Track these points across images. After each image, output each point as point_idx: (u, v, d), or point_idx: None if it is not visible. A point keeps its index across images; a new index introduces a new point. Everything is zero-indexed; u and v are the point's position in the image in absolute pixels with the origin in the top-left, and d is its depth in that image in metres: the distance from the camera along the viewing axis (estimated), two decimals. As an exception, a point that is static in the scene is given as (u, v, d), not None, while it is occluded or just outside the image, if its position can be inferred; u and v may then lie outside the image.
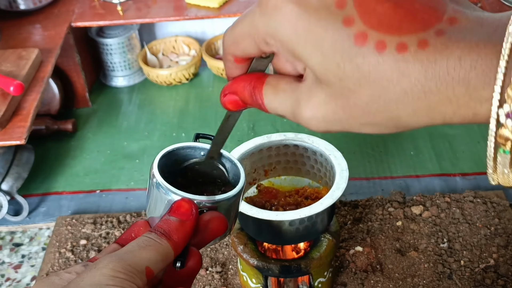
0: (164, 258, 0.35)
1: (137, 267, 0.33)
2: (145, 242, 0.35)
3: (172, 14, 1.30)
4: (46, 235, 1.10)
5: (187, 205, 0.38)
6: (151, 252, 0.35)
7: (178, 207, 0.38)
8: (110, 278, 0.32)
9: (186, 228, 0.38)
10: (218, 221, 0.40)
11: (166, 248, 0.36)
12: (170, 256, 0.36)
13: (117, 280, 0.32)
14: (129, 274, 0.33)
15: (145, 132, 1.32)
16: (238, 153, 0.78)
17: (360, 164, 1.18)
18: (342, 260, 0.95)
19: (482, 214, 1.00)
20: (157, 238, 0.36)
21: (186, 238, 0.37)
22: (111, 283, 0.32)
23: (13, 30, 1.28)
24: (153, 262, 0.34)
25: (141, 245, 0.35)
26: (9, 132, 1.00)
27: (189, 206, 0.38)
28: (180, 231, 0.37)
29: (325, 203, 0.70)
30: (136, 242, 0.35)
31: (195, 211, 0.38)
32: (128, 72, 1.46)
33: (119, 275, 0.32)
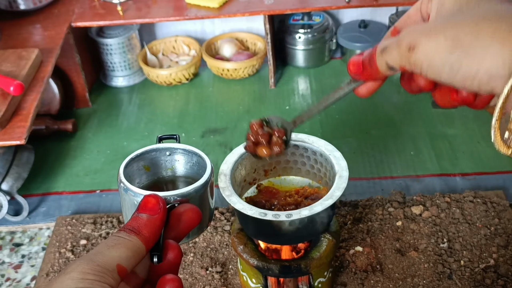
0: (135, 254, 0.36)
1: (107, 266, 0.33)
2: (114, 241, 0.36)
3: (172, 14, 1.30)
4: (46, 235, 1.10)
5: (154, 200, 0.39)
6: (121, 250, 0.35)
7: (145, 203, 0.39)
8: (79, 281, 0.32)
9: (156, 222, 0.38)
10: (191, 212, 0.41)
11: (136, 244, 0.36)
12: (142, 251, 0.36)
13: (87, 281, 0.32)
14: (99, 275, 0.33)
15: (145, 132, 1.32)
16: (238, 153, 0.78)
17: (360, 164, 1.18)
18: (342, 260, 0.95)
19: (482, 214, 1.00)
20: (125, 236, 0.36)
21: (156, 232, 0.38)
22: (80, 286, 0.32)
23: (13, 30, 1.28)
24: (123, 259, 0.34)
25: (110, 244, 0.35)
26: (9, 132, 1.00)
27: (155, 201, 0.39)
28: (148, 226, 0.37)
29: (325, 203, 0.70)
30: (105, 242, 0.36)
31: (162, 205, 0.39)
32: (128, 72, 1.46)
33: (88, 276, 0.32)
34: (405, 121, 1.28)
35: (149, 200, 0.39)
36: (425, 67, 0.37)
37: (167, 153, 0.47)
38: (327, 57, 1.49)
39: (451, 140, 1.22)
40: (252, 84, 1.44)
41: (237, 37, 1.50)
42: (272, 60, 1.37)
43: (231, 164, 0.77)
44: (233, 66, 1.40)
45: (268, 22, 1.30)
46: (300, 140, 0.80)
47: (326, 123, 1.29)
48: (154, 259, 0.37)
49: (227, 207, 1.06)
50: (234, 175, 0.77)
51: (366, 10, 1.49)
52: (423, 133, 1.24)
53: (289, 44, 1.45)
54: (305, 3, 1.29)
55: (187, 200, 0.41)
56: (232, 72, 1.41)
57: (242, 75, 1.43)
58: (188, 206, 0.41)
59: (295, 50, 1.46)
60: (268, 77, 1.42)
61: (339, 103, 0.52)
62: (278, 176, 0.84)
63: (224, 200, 0.72)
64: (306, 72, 1.47)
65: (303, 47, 1.44)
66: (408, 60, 0.37)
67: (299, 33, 1.43)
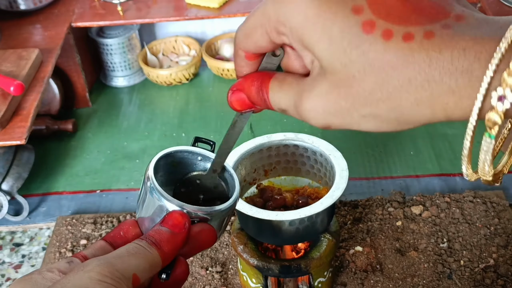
0: (151, 267, 0.35)
1: (125, 273, 0.33)
2: (134, 249, 0.35)
3: (172, 14, 1.30)
4: (46, 235, 1.10)
5: (181, 218, 0.38)
6: (140, 260, 0.35)
7: (172, 219, 0.38)
8: (97, 282, 0.32)
9: (177, 240, 0.38)
10: (208, 234, 0.40)
11: (155, 258, 0.36)
12: (158, 266, 0.36)
13: (104, 284, 0.32)
14: (116, 280, 0.32)
15: (145, 132, 1.32)
16: (238, 153, 0.78)
17: (360, 164, 1.18)
18: (342, 260, 0.95)
19: (482, 214, 1.00)
20: (147, 246, 0.36)
21: (176, 250, 0.37)
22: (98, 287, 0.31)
23: (13, 30, 1.28)
24: (140, 270, 0.34)
25: (131, 251, 0.35)
26: (9, 132, 1.00)
27: (182, 219, 0.38)
28: (170, 243, 0.37)
29: (325, 203, 0.70)
30: (126, 248, 0.35)
31: (188, 225, 0.38)
32: (128, 72, 1.46)
33: (106, 279, 0.32)
34: (405, 121, 1.28)
35: (176, 217, 0.38)
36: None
37: (199, 158, 0.46)
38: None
39: (451, 140, 1.22)
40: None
41: (237, 37, 1.50)
42: (272, 60, 1.37)
43: (231, 164, 0.77)
44: (233, 66, 1.40)
45: (268, 22, 1.30)
46: (300, 140, 0.80)
47: (326, 123, 1.29)
48: (162, 276, 0.37)
49: (227, 207, 1.06)
50: (234, 175, 0.77)
51: (366, 10, 1.49)
52: (423, 133, 1.24)
53: (289, 44, 1.45)
54: (305, 3, 1.29)
55: (208, 219, 0.41)
56: (232, 72, 1.42)
57: (242, 75, 1.43)
58: (207, 227, 0.40)
59: (295, 50, 1.45)
60: (268, 77, 1.41)
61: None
62: (278, 176, 0.84)
63: (224, 200, 0.72)
64: (306, 72, 1.47)
65: (303, 47, 1.44)
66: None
67: (299, 33, 1.43)
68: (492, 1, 1.19)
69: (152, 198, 0.40)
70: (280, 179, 0.84)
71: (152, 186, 0.40)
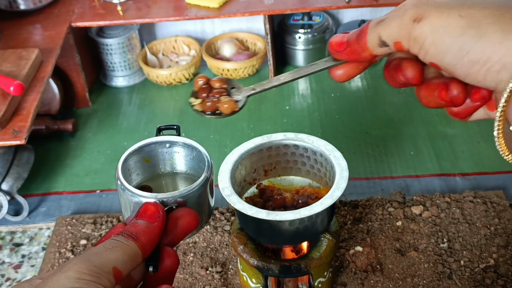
0: (132, 259, 0.35)
1: (104, 267, 0.33)
2: (111, 244, 0.35)
3: (172, 14, 1.30)
4: (46, 235, 1.10)
5: (154, 208, 0.39)
6: (118, 253, 0.35)
7: (145, 210, 0.39)
8: (75, 280, 0.32)
9: (154, 230, 0.38)
10: (188, 217, 0.40)
11: (134, 249, 0.36)
12: (138, 257, 0.36)
13: (83, 282, 0.32)
14: (95, 275, 0.32)
15: (145, 132, 1.32)
16: (238, 153, 0.78)
17: (360, 164, 1.18)
18: (342, 260, 0.95)
19: (482, 214, 1.00)
20: (123, 240, 0.36)
21: (154, 239, 0.38)
22: (76, 285, 0.31)
23: (13, 30, 1.28)
24: (120, 263, 0.34)
25: (108, 246, 0.35)
26: (9, 132, 1.00)
27: (155, 209, 0.39)
28: (147, 233, 0.37)
29: (325, 203, 0.70)
30: (103, 244, 0.36)
31: (162, 213, 0.39)
32: (128, 72, 1.46)
33: (85, 276, 0.32)
34: (405, 121, 1.28)
35: (149, 207, 0.39)
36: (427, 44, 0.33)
37: (167, 145, 0.47)
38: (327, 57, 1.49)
39: (451, 140, 1.22)
40: (252, 84, 1.43)
41: (237, 37, 1.50)
42: (272, 60, 1.37)
43: (231, 164, 0.77)
44: (233, 66, 1.40)
45: (268, 22, 1.30)
46: (300, 140, 0.80)
47: (326, 123, 1.29)
48: (150, 269, 0.37)
49: (227, 207, 1.06)
50: (234, 175, 0.77)
51: (366, 10, 1.49)
52: (423, 133, 1.24)
53: (289, 44, 1.45)
54: (305, 3, 1.29)
55: (185, 203, 0.41)
56: (232, 72, 1.41)
57: (242, 75, 1.43)
58: (186, 210, 0.40)
59: (295, 50, 1.46)
60: (268, 77, 1.42)
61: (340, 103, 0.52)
62: (278, 176, 0.84)
63: (224, 200, 0.72)
64: (306, 72, 1.47)
65: (303, 47, 1.44)
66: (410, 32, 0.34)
67: (299, 33, 1.43)
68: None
69: (127, 197, 0.41)
70: (280, 179, 0.84)
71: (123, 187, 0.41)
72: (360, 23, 1.46)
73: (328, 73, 0.43)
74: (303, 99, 1.38)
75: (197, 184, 0.42)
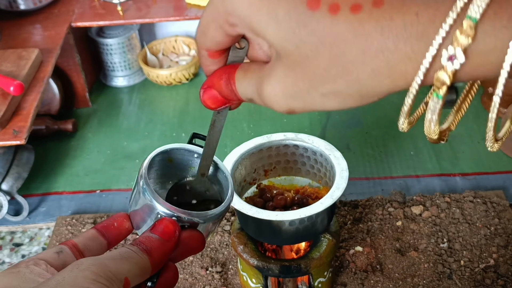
0: (142, 272, 0.36)
1: (118, 275, 0.33)
2: (127, 253, 0.35)
3: (172, 14, 1.30)
4: (46, 235, 1.10)
5: (172, 226, 0.39)
6: (132, 264, 0.35)
7: (162, 226, 0.38)
8: (91, 281, 0.32)
9: (167, 248, 0.38)
10: (196, 241, 0.40)
11: (146, 264, 0.36)
12: (148, 272, 0.36)
13: (98, 284, 0.32)
14: (109, 281, 0.32)
15: (145, 132, 1.32)
16: (238, 153, 0.78)
17: (360, 164, 1.18)
18: (342, 260, 0.95)
19: (482, 214, 1.00)
20: (139, 252, 0.36)
21: (165, 257, 0.38)
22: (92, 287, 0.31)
23: (13, 30, 1.28)
24: (132, 274, 0.34)
25: (124, 255, 0.35)
26: (9, 132, 1.00)
27: (173, 227, 0.38)
28: (160, 250, 0.37)
29: (325, 203, 0.70)
30: (119, 251, 0.35)
31: (178, 232, 0.39)
32: (128, 72, 1.46)
33: (101, 279, 0.32)
34: (405, 121, 1.28)
35: (167, 224, 0.38)
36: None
37: (195, 156, 0.46)
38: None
39: (451, 140, 1.22)
40: (252, 84, 1.44)
41: (237, 37, 1.50)
42: (272, 60, 1.37)
43: (231, 164, 0.77)
44: (233, 66, 1.40)
45: (268, 22, 1.30)
46: (300, 140, 0.80)
47: (326, 123, 1.29)
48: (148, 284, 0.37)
49: (227, 207, 1.06)
50: (234, 175, 0.77)
51: (366, 10, 1.49)
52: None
53: (289, 44, 1.45)
54: (305, 3, 1.29)
55: (197, 225, 0.40)
56: (232, 72, 1.41)
57: (242, 75, 1.43)
58: (195, 233, 0.40)
59: (295, 50, 1.45)
60: (268, 77, 1.41)
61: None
62: (278, 176, 0.84)
63: (224, 200, 0.72)
64: (306, 72, 1.47)
65: (303, 47, 1.44)
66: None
67: (299, 33, 1.43)
68: None
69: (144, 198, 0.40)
70: (280, 179, 0.84)
71: (145, 187, 0.40)
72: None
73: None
74: (303, 99, 1.38)
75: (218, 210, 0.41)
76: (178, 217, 0.39)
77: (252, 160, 0.81)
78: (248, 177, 0.82)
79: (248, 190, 0.83)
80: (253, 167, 0.82)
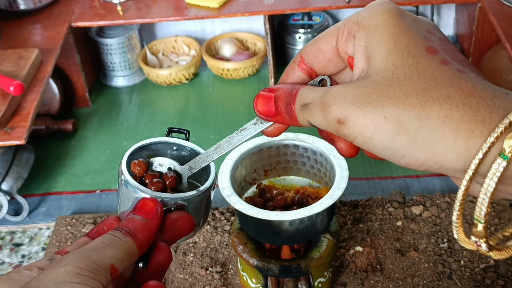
0: (129, 256, 0.35)
1: (102, 264, 0.33)
2: (110, 240, 0.35)
3: (172, 14, 1.30)
4: (46, 235, 1.10)
5: (152, 204, 0.39)
6: (116, 250, 0.35)
7: (143, 206, 0.38)
8: (74, 275, 0.32)
9: (151, 226, 0.38)
10: (185, 220, 0.40)
11: (132, 246, 0.36)
12: (135, 254, 0.36)
13: (82, 277, 0.32)
14: (93, 272, 0.32)
15: (145, 132, 1.32)
16: (238, 153, 0.78)
17: (360, 164, 1.18)
18: (342, 260, 0.95)
19: (482, 214, 1.00)
20: (122, 236, 0.36)
21: (151, 236, 0.37)
22: (76, 281, 0.31)
23: (13, 30, 1.28)
24: (118, 260, 0.34)
25: (106, 242, 0.35)
26: (9, 132, 1.00)
27: (153, 205, 0.38)
28: (144, 230, 0.37)
29: (325, 203, 0.70)
30: (101, 239, 0.35)
31: (160, 210, 0.39)
32: (128, 72, 1.46)
33: (84, 272, 0.32)
34: (405, 121, 1.28)
35: (147, 203, 0.39)
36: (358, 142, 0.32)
37: (174, 148, 0.47)
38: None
39: (451, 140, 1.22)
40: (252, 84, 1.44)
41: (237, 37, 1.50)
42: (272, 60, 1.37)
43: (231, 164, 0.77)
44: (233, 66, 1.40)
45: (268, 22, 1.30)
46: (300, 140, 0.80)
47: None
48: (140, 265, 0.37)
49: (227, 207, 1.06)
50: (234, 175, 0.77)
51: (366, 10, 1.49)
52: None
53: (289, 44, 1.45)
54: (305, 3, 1.29)
55: (184, 206, 0.41)
56: (232, 72, 1.41)
57: (242, 75, 1.43)
58: (183, 214, 0.40)
59: (295, 50, 1.46)
60: (268, 77, 1.42)
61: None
62: (278, 176, 0.84)
63: (224, 200, 0.72)
64: (306, 72, 1.47)
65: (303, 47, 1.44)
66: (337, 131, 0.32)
67: (299, 33, 1.43)
68: (492, 1, 1.19)
69: (127, 191, 0.41)
70: (280, 179, 0.84)
71: (126, 180, 0.41)
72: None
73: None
74: (303, 99, 1.38)
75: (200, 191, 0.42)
76: (162, 201, 0.39)
77: (252, 160, 0.81)
78: (248, 177, 0.82)
79: (248, 190, 0.83)
80: (253, 167, 0.82)
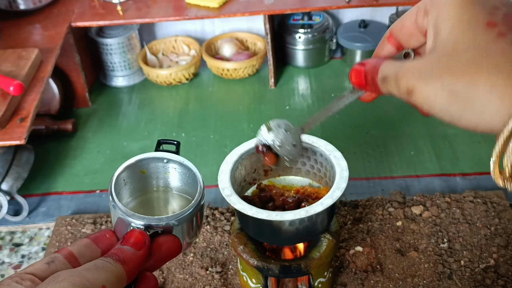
0: (118, 281, 0.37)
1: (95, 284, 0.35)
2: (102, 264, 0.37)
3: (172, 14, 1.30)
4: (46, 235, 1.10)
5: (140, 236, 0.40)
6: (108, 273, 0.36)
7: (131, 237, 0.40)
8: None
9: (140, 257, 0.39)
10: (172, 244, 0.41)
11: (121, 272, 0.37)
12: (124, 281, 0.37)
13: None
14: None
15: (145, 132, 1.32)
16: (238, 153, 0.78)
17: (360, 164, 1.18)
18: (342, 260, 0.95)
19: (482, 214, 1.00)
20: (113, 262, 0.37)
21: (139, 265, 0.39)
22: None
23: (13, 30, 1.28)
24: (109, 282, 0.36)
25: (99, 265, 0.37)
26: (9, 132, 1.00)
27: (142, 237, 0.40)
28: (133, 260, 0.38)
29: (325, 203, 0.70)
30: (94, 263, 0.37)
31: (148, 242, 0.40)
32: (128, 72, 1.46)
33: None
34: (405, 121, 1.28)
35: (136, 235, 0.40)
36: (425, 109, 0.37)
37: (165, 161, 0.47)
38: (327, 57, 1.49)
39: (451, 140, 1.22)
40: (252, 84, 1.44)
41: (237, 37, 1.50)
42: (272, 60, 1.37)
43: (231, 164, 0.77)
44: (233, 66, 1.40)
45: (268, 22, 1.30)
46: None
47: (326, 123, 1.29)
48: None
49: (227, 207, 1.06)
50: (234, 175, 0.77)
51: (366, 10, 1.49)
52: (423, 133, 1.24)
53: (289, 44, 1.45)
54: (305, 3, 1.29)
55: (171, 229, 0.42)
56: (232, 72, 1.41)
57: (242, 75, 1.43)
58: (171, 238, 0.42)
59: (295, 50, 1.46)
60: (268, 77, 1.42)
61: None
62: (278, 176, 0.84)
63: (224, 200, 0.72)
64: (306, 72, 1.47)
65: (303, 47, 1.44)
66: (408, 100, 0.38)
67: (299, 33, 1.43)
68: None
69: (115, 213, 0.43)
70: (280, 179, 0.84)
71: (113, 204, 0.43)
72: (360, 23, 1.46)
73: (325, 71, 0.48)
74: (303, 99, 1.38)
75: (187, 210, 0.42)
76: (149, 225, 0.40)
77: (252, 160, 0.81)
78: (248, 177, 0.82)
79: (248, 190, 0.83)
80: (253, 167, 0.82)
